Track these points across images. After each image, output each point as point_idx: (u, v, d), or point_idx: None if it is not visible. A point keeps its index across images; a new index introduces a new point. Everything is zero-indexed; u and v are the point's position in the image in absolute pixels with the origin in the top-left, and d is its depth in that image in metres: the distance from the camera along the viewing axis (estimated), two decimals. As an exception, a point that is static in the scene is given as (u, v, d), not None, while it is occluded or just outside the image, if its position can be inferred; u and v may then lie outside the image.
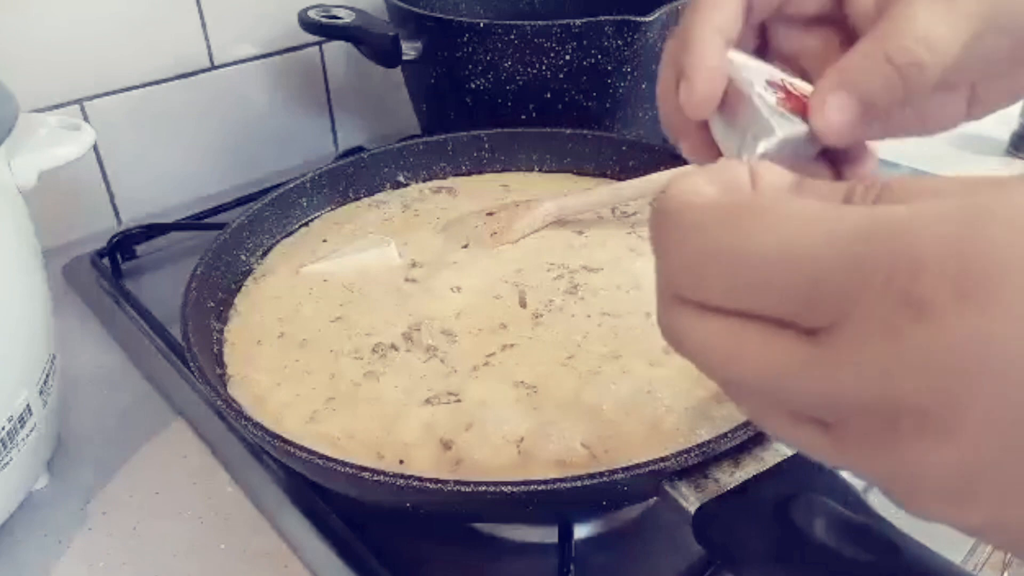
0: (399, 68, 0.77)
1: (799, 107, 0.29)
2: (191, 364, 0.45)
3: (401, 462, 0.42)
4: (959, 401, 0.17)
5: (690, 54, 0.30)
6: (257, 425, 0.40)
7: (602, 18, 0.68)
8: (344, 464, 0.38)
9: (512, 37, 0.69)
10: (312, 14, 0.73)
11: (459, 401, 0.45)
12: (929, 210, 0.17)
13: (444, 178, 0.71)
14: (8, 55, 0.67)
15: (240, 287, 0.57)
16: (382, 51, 0.73)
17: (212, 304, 0.53)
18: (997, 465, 0.17)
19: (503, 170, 0.71)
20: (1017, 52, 0.30)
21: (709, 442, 0.38)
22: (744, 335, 0.20)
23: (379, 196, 0.68)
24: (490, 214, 0.63)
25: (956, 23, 0.27)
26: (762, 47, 0.35)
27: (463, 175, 0.71)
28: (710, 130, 0.32)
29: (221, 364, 0.50)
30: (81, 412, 0.55)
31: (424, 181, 0.70)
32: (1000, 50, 0.29)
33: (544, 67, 0.70)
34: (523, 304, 0.53)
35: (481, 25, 0.69)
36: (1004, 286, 0.16)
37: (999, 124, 0.84)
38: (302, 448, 0.39)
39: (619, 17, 0.68)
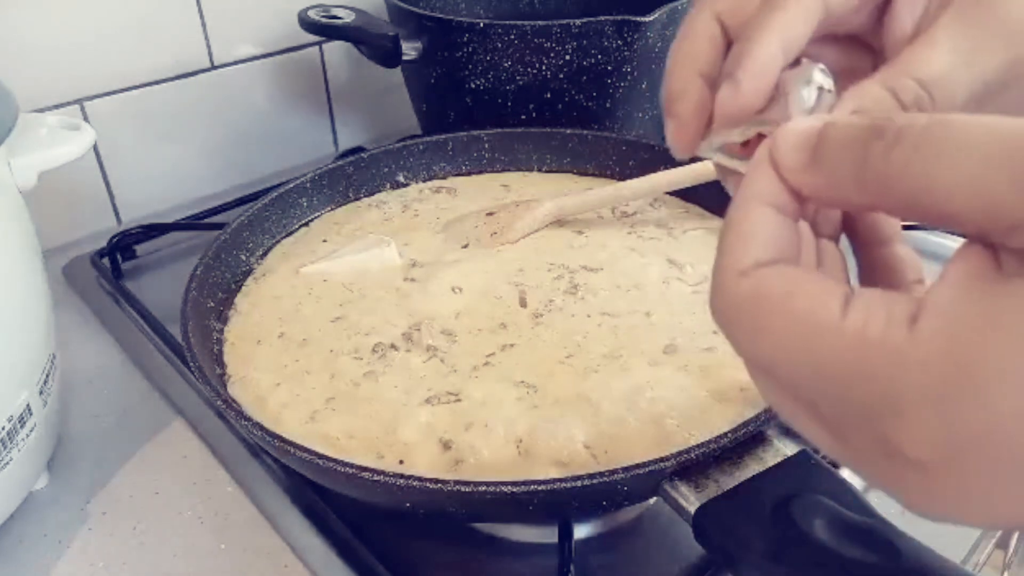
0: (399, 68, 0.77)
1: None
2: (191, 364, 0.45)
3: (401, 462, 0.42)
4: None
5: (749, 57, 0.27)
6: (257, 425, 0.40)
7: (602, 18, 0.68)
8: (344, 464, 0.38)
9: (512, 37, 0.69)
10: (312, 14, 0.73)
11: (459, 401, 0.45)
12: (915, 354, 0.17)
13: (444, 178, 0.71)
14: (8, 55, 0.67)
15: (240, 287, 0.57)
16: (382, 51, 0.73)
17: (212, 304, 0.53)
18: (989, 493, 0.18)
19: (503, 170, 0.71)
20: None
21: (709, 442, 0.38)
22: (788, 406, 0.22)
23: (379, 196, 0.68)
24: (490, 214, 0.63)
25: (973, 65, 0.26)
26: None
27: (463, 175, 0.71)
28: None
29: (221, 364, 0.50)
30: (81, 412, 0.55)
31: (424, 181, 0.70)
32: (1018, 99, 0.27)
33: (544, 67, 0.70)
34: (523, 304, 0.53)
35: (481, 25, 0.69)
36: (986, 447, 0.17)
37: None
38: (302, 448, 0.39)
39: (619, 17, 0.68)
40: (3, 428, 0.41)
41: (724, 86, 0.27)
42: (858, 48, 0.32)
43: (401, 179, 0.70)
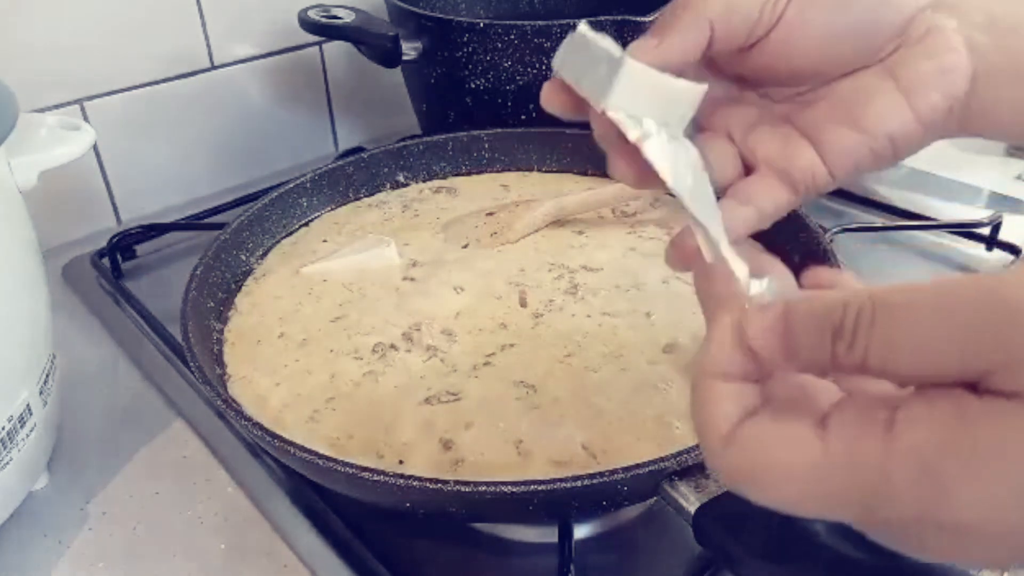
0: (399, 68, 0.77)
1: None
2: (191, 364, 0.45)
3: (401, 462, 0.42)
4: None
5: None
6: (257, 425, 0.40)
7: (602, 18, 0.68)
8: (344, 464, 0.38)
9: (512, 37, 0.69)
10: (312, 14, 0.73)
11: (459, 401, 0.45)
12: (898, 464, 0.19)
13: (444, 178, 0.71)
14: (8, 55, 0.67)
15: (240, 287, 0.57)
16: (382, 51, 0.73)
17: (212, 304, 0.53)
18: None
19: (503, 170, 0.71)
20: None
21: (709, 442, 0.38)
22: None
23: (379, 196, 0.68)
24: (490, 214, 0.63)
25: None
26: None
27: (463, 175, 0.71)
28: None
29: (221, 364, 0.50)
30: (81, 412, 0.55)
31: (424, 181, 0.70)
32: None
33: (544, 67, 0.70)
34: (523, 304, 0.53)
35: (481, 25, 0.69)
36: None
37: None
38: (302, 448, 0.39)
39: (619, 17, 0.68)
40: (3, 428, 0.41)
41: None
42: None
43: (401, 179, 0.70)
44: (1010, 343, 0.18)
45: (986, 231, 0.67)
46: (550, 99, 0.32)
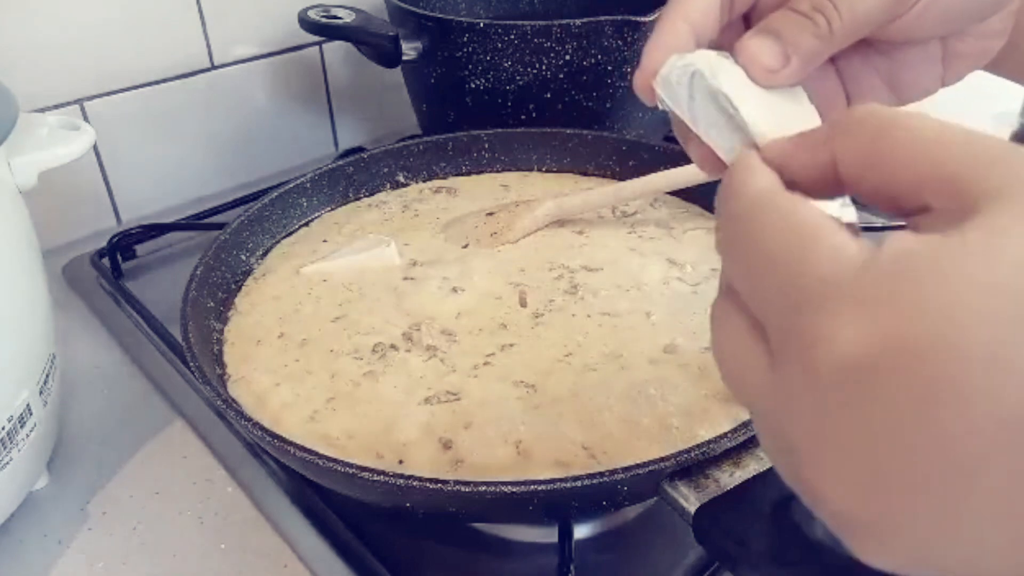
0: (399, 68, 0.77)
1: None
2: (191, 364, 0.45)
3: (401, 462, 0.42)
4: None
5: (649, 41, 0.30)
6: (257, 425, 0.40)
7: (602, 18, 0.68)
8: (344, 464, 0.38)
9: (512, 37, 0.69)
10: (312, 14, 0.73)
11: (459, 401, 0.45)
12: (877, 266, 0.19)
13: (444, 178, 0.71)
14: (8, 55, 0.67)
15: (240, 287, 0.57)
16: (382, 51, 0.73)
17: (212, 304, 0.53)
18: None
19: (503, 170, 0.71)
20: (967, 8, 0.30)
21: (709, 442, 0.38)
22: (737, 338, 0.23)
23: (379, 196, 0.68)
24: (490, 214, 0.63)
25: None
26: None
27: (463, 175, 0.71)
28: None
29: (221, 364, 0.50)
30: (81, 412, 0.55)
31: (424, 181, 0.70)
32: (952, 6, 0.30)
33: (544, 67, 0.70)
34: (523, 304, 0.53)
35: (481, 25, 0.69)
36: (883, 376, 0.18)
37: (999, 124, 0.84)
38: (302, 448, 0.39)
39: (619, 17, 0.68)
40: (3, 428, 0.41)
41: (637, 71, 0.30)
42: None
43: (401, 179, 0.70)
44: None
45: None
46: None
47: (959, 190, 0.19)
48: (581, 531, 0.45)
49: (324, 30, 0.73)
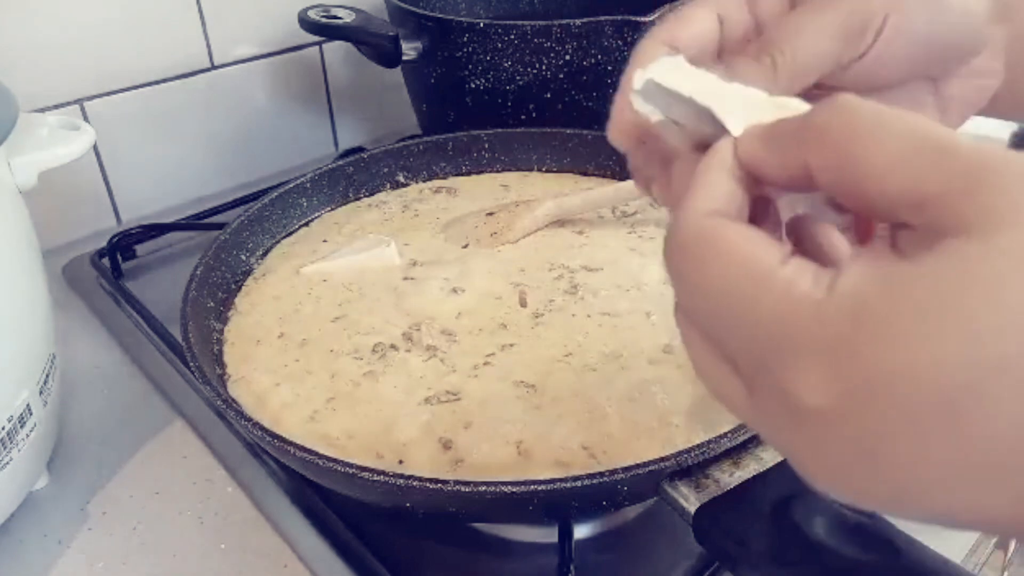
0: (399, 68, 0.77)
1: None
2: (191, 364, 0.45)
3: (401, 462, 0.42)
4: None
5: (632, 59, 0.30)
6: (257, 425, 0.40)
7: (602, 18, 0.68)
8: (344, 464, 0.38)
9: (512, 37, 0.69)
10: (312, 14, 0.73)
11: (459, 401, 0.45)
12: (825, 309, 0.19)
13: (444, 178, 0.71)
14: (8, 55, 0.67)
15: (240, 287, 0.57)
16: (382, 51, 0.73)
17: (212, 304, 0.53)
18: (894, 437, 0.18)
19: (503, 170, 0.71)
20: (917, 50, 0.30)
21: (709, 442, 0.38)
22: (712, 366, 0.23)
23: (379, 196, 0.68)
24: (490, 214, 0.63)
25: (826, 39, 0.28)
26: None
27: (463, 175, 0.71)
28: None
29: (221, 364, 0.50)
30: (81, 412, 0.55)
31: (424, 181, 0.70)
32: (899, 48, 0.29)
33: (544, 67, 0.70)
34: (523, 304, 0.53)
35: (481, 25, 0.69)
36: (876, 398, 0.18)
37: (999, 124, 0.84)
38: (302, 448, 0.39)
39: (619, 17, 0.68)
40: (3, 428, 0.41)
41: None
42: None
43: (401, 179, 0.70)
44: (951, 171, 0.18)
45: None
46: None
47: (933, 215, 0.18)
48: (581, 531, 0.45)
49: (324, 30, 0.73)
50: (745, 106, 0.27)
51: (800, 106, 0.27)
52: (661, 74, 0.27)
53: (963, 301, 0.17)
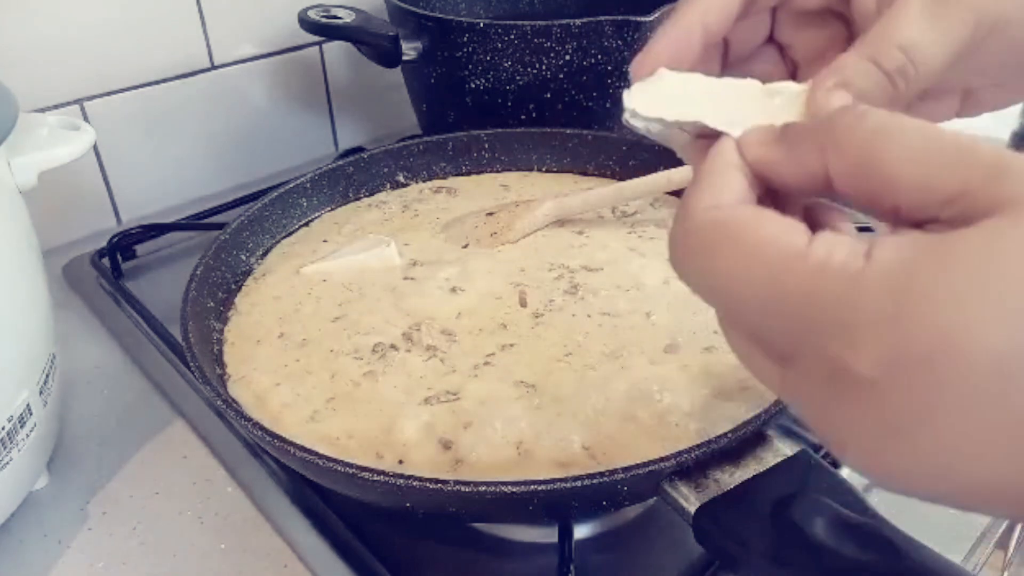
0: (399, 68, 0.77)
1: None
2: (191, 364, 0.45)
3: (401, 462, 0.42)
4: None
5: (664, 28, 0.30)
6: (257, 425, 0.40)
7: (602, 18, 0.68)
8: (344, 464, 0.38)
9: (512, 37, 0.69)
10: (312, 14, 0.73)
11: (459, 401, 0.45)
12: (872, 277, 0.19)
13: (444, 178, 0.71)
14: (8, 55, 0.67)
15: (240, 287, 0.57)
16: (382, 51, 0.73)
17: (212, 304, 0.53)
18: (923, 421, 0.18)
19: (503, 170, 0.71)
20: (1012, 60, 0.29)
21: (709, 442, 0.38)
22: (747, 350, 0.24)
23: (379, 196, 0.68)
24: (490, 214, 0.63)
25: (946, 31, 0.27)
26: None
27: (463, 175, 0.71)
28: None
29: (221, 364, 0.50)
30: (81, 412, 0.55)
31: (424, 181, 0.70)
32: (995, 59, 0.29)
33: (544, 67, 0.70)
34: (523, 304, 0.53)
35: (481, 25, 0.69)
36: (932, 370, 0.18)
37: (999, 123, 0.84)
38: (302, 448, 0.39)
39: (619, 17, 0.68)
40: (3, 428, 0.41)
41: (638, 55, 0.29)
42: (828, 23, 0.33)
43: (401, 179, 0.70)
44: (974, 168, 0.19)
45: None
46: None
47: (966, 204, 0.19)
48: (581, 531, 0.45)
49: (324, 30, 0.73)
50: (739, 99, 0.27)
51: (794, 88, 0.27)
52: (642, 103, 0.27)
53: (1010, 270, 0.17)
